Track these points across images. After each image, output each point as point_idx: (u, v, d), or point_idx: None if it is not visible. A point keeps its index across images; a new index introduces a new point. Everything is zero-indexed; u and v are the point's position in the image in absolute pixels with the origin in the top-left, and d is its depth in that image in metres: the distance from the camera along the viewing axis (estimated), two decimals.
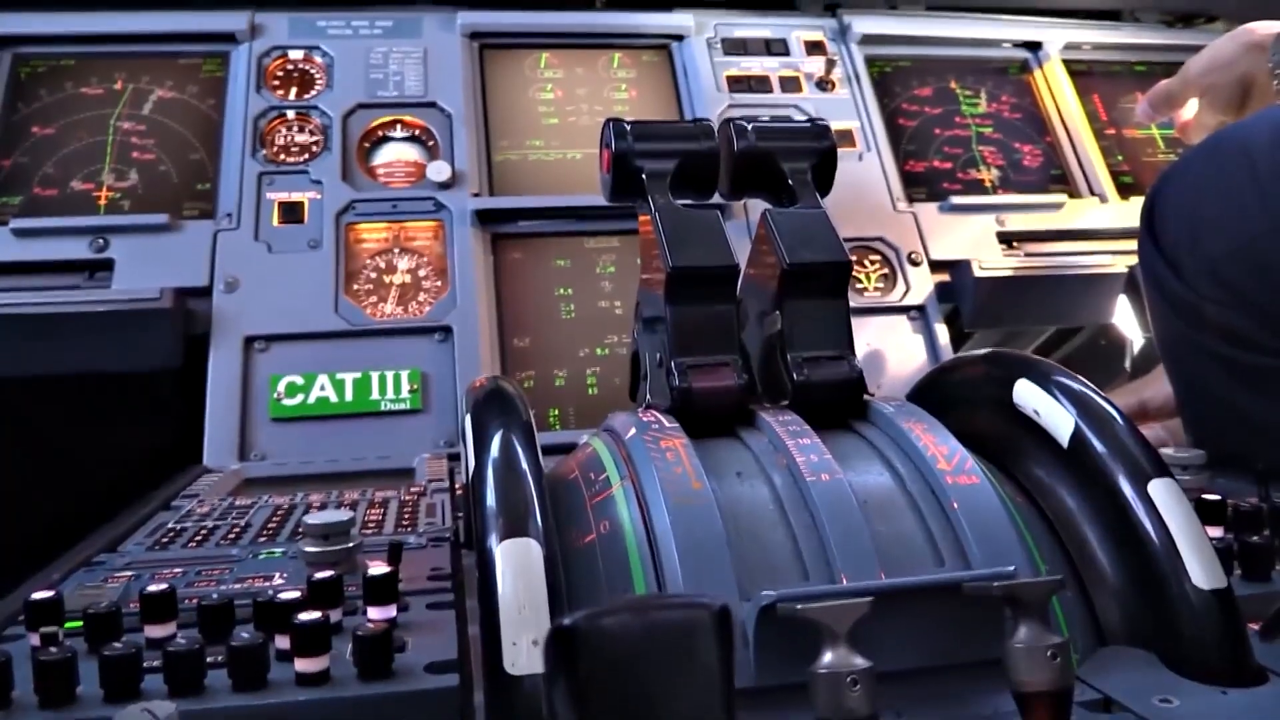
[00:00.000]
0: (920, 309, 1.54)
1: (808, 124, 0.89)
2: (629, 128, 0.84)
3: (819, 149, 0.86)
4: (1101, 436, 0.67)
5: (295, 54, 1.61)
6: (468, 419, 0.70)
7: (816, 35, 1.78)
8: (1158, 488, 0.64)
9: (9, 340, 1.33)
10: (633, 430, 0.70)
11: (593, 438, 0.76)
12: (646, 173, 0.82)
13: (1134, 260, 1.28)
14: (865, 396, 0.77)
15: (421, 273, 1.45)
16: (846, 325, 0.80)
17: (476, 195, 1.51)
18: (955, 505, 0.63)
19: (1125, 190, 1.74)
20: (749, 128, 0.85)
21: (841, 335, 0.79)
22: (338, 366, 1.35)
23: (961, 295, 1.56)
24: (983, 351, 0.83)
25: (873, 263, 1.56)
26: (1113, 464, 0.66)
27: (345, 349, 1.38)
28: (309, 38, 1.63)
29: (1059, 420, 0.70)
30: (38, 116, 1.53)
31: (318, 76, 1.60)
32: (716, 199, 0.88)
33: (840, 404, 0.77)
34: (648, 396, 0.83)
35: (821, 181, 0.86)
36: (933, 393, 0.85)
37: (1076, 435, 0.68)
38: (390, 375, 1.35)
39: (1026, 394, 0.73)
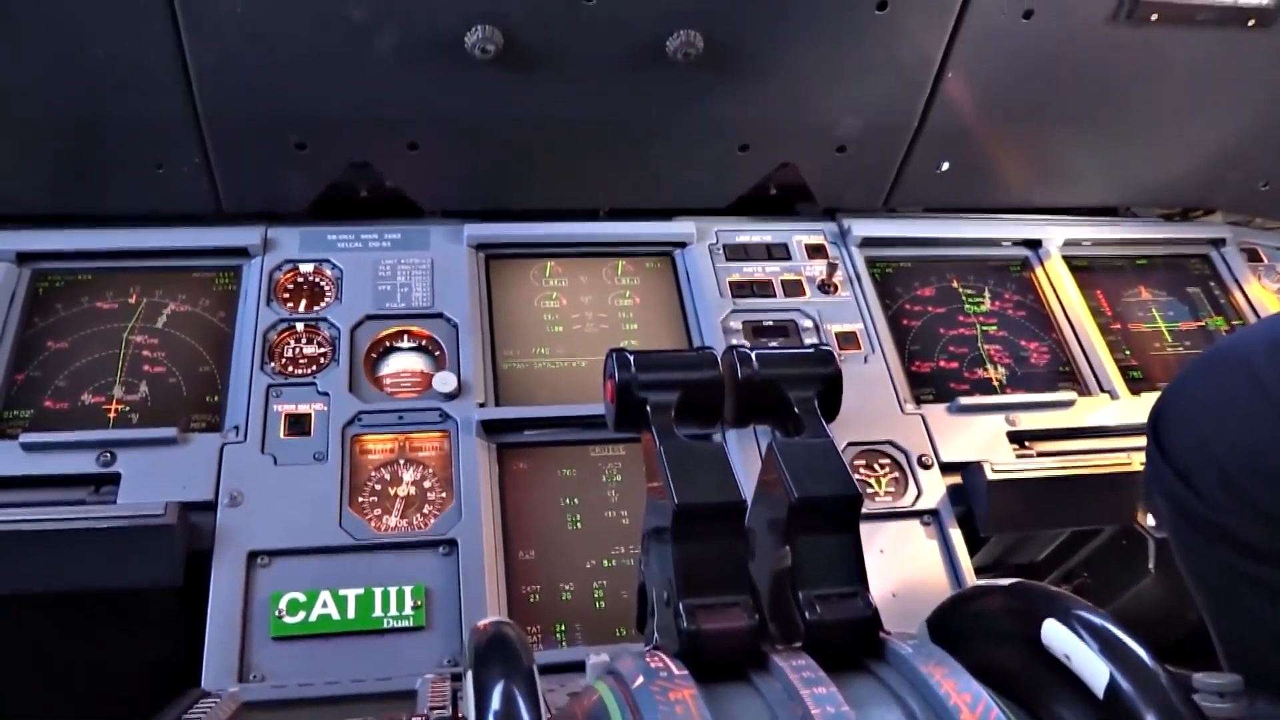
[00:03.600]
0: (934, 513, 1.51)
1: (811, 350, 0.89)
2: (632, 358, 0.84)
3: (824, 375, 0.86)
4: (1139, 688, 0.65)
5: (306, 267, 1.64)
6: (468, 673, 0.68)
7: (817, 239, 1.82)
8: None
9: (11, 558, 1.31)
10: (640, 679, 0.67)
11: (598, 682, 0.72)
12: (650, 404, 0.81)
13: None
14: (881, 635, 0.74)
15: (426, 484, 1.43)
16: (859, 559, 0.78)
17: (482, 405, 1.51)
18: None
19: (1135, 386, 1.74)
20: (753, 356, 0.85)
21: (854, 570, 0.77)
22: (341, 582, 1.32)
23: (975, 498, 1.53)
24: (1007, 583, 0.81)
25: (882, 467, 1.54)
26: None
27: (348, 564, 1.35)
28: (320, 251, 1.67)
29: (1093, 669, 0.67)
30: (53, 331, 1.55)
31: (327, 289, 1.62)
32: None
33: (855, 643, 0.74)
34: (655, 635, 0.80)
35: (828, 408, 0.85)
36: (952, 622, 0.83)
37: (1112, 687, 0.65)
38: (394, 591, 1.32)
39: (1056, 636, 0.70)
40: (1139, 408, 1.68)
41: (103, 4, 1.38)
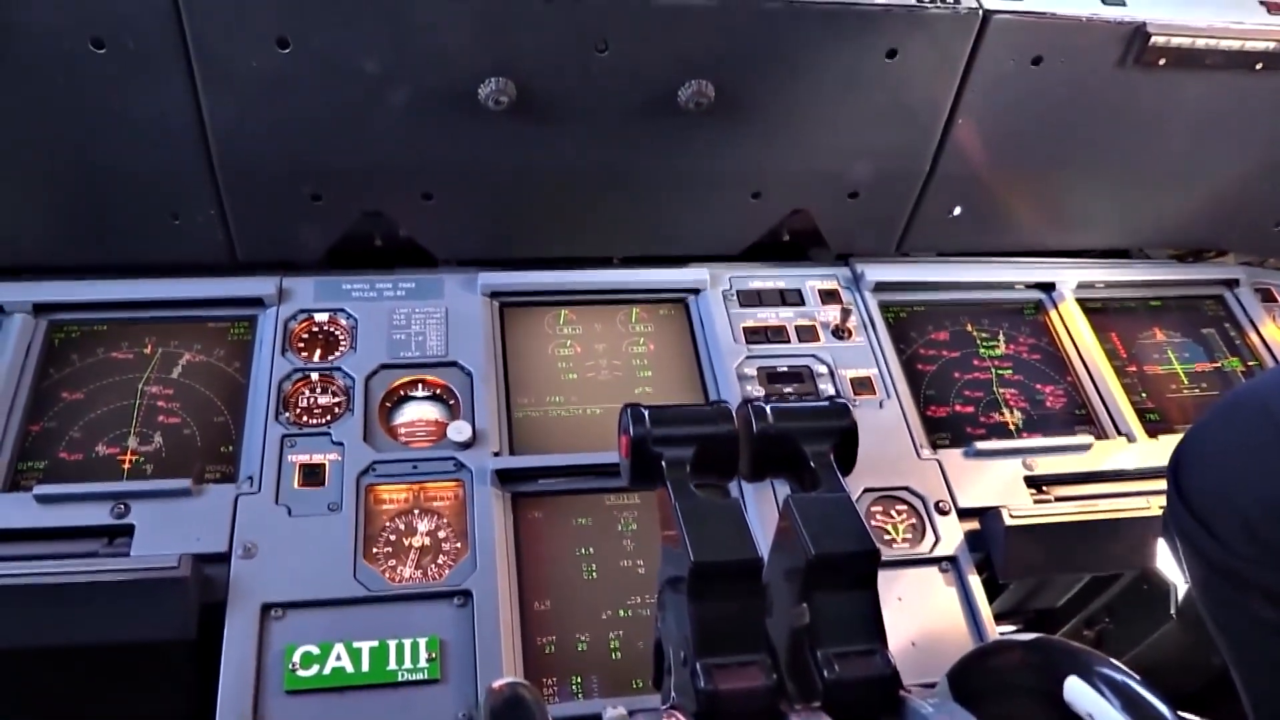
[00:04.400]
0: (952, 560, 1.49)
1: (826, 403, 0.89)
2: (646, 413, 0.84)
3: (839, 429, 0.85)
4: None
5: (320, 317, 1.65)
6: None
7: (830, 284, 1.82)
8: None
9: (23, 611, 1.30)
10: None
11: None
12: (666, 460, 0.81)
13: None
14: (901, 693, 0.74)
15: (441, 534, 1.43)
16: (877, 616, 0.77)
17: (497, 454, 1.51)
18: None
19: (1153, 428, 1.73)
20: (767, 410, 0.85)
21: (872, 628, 0.76)
22: (355, 634, 1.32)
23: (993, 544, 1.51)
24: (1028, 638, 0.80)
25: (899, 513, 1.53)
26: None
27: (363, 615, 1.34)
28: (334, 300, 1.67)
29: None
30: (68, 382, 1.56)
31: (342, 338, 1.63)
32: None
33: (875, 702, 0.73)
34: (672, 693, 0.79)
35: (843, 462, 0.85)
36: (973, 678, 0.82)
37: None
38: (408, 643, 1.31)
39: (1078, 694, 0.70)
40: (1157, 451, 1.67)
41: (121, 60, 1.39)
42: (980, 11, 1.52)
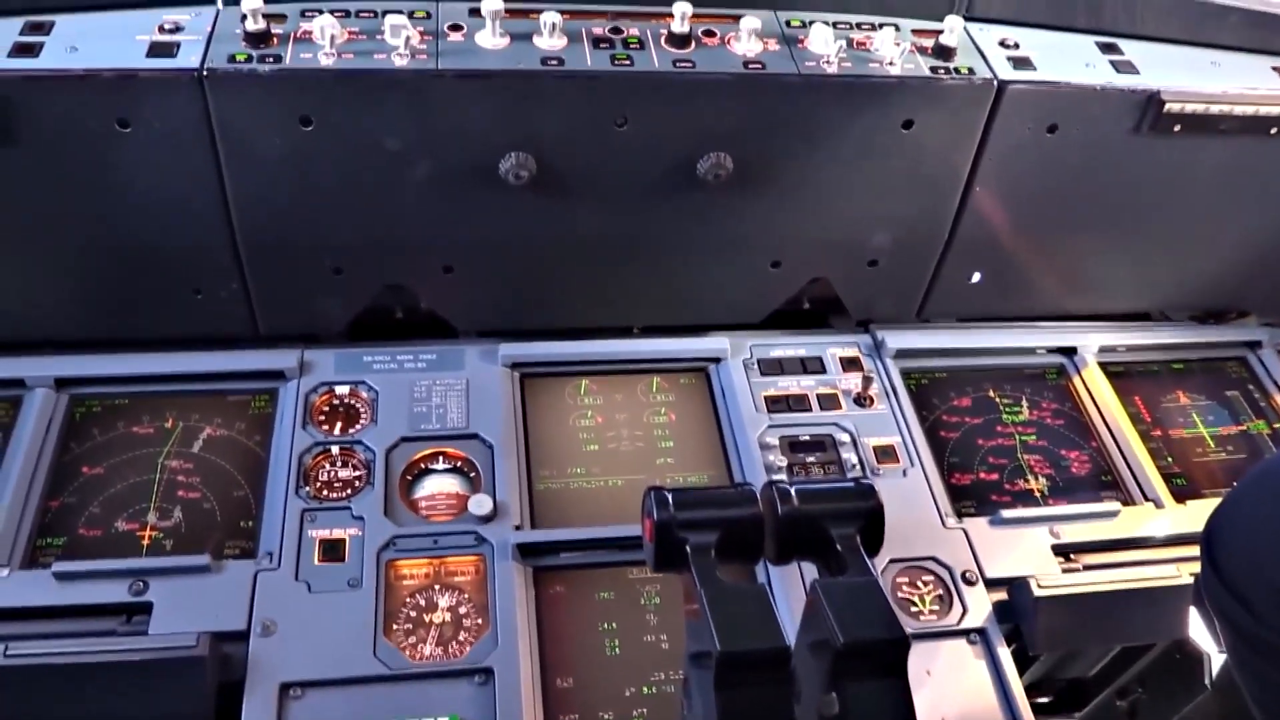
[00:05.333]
0: (980, 631, 1.47)
1: (851, 484, 0.88)
2: (670, 497, 0.83)
3: (865, 510, 0.84)
4: None
5: (341, 389, 1.65)
6: None
7: (851, 352, 1.82)
8: None
9: (40, 691, 1.29)
10: None
11: None
12: (690, 545, 0.80)
13: (1198, 567, 1.23)
14: None
15: (462, 610, 1.41)
16: (908, 705, 0.75)
17: (518, 528, 1.50)
18: None
19: (1180, 494, 1.71)
20: (792, 492, 0.84)
21: (904, 717, 0.74)
22: (374, 714, 1.30)
23: (1022, 616, 1.49)
24: None
25: (925, 584, 1.51)
26: None
27: (383, 695, 1.32)
28: (355, 373, 1.68)
29: None
30: (88, 456, 1.56)
31: (363, 411, 1.63)
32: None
33: None
34: None
35: (870, 544, 0.84)
36: None
37: None
38: None
39: None
40: (1185, 516, 1.65)
41: (146, 138, 1.41)
42: (995, 82, 1.54)
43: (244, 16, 1.41)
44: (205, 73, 1.37)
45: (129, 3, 1.47)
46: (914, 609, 1.48)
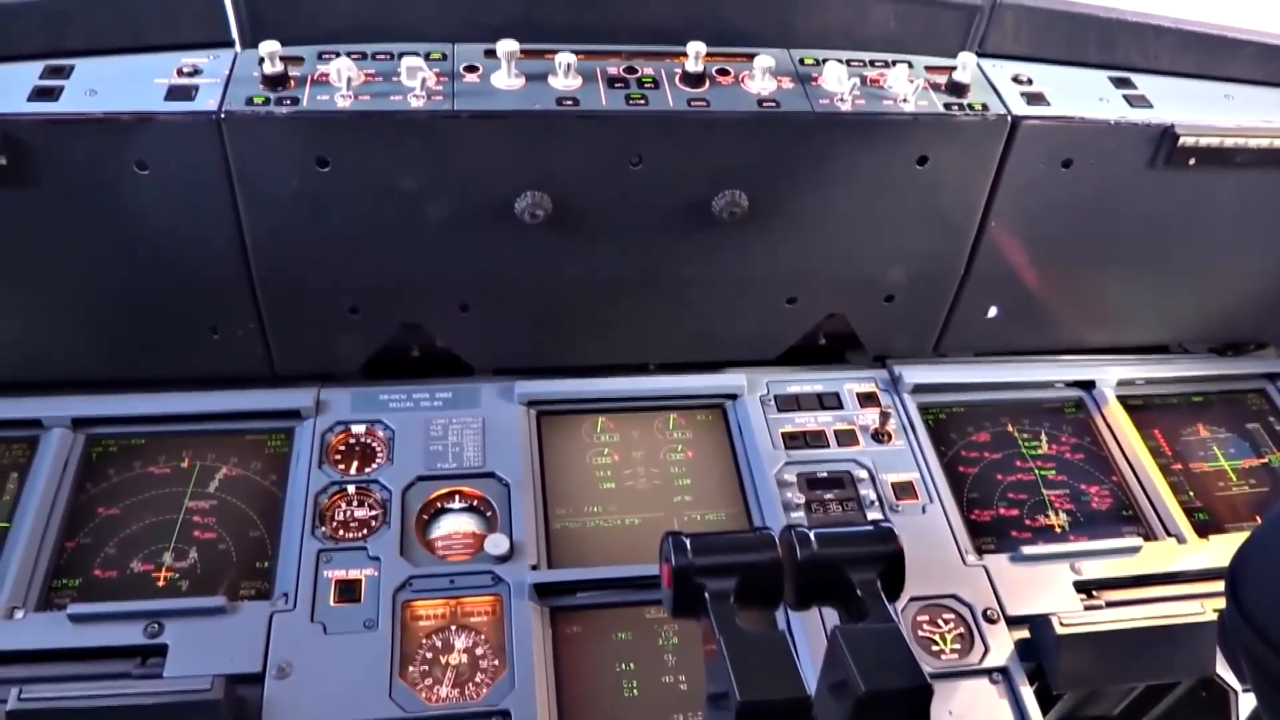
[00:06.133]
0: (1003, 670, 1.45)
1: (871, 528, 0.87)
2: (688, 542, 0.82)
3: (886, 554, 0.83)
4: None
5: (358, 428, 1.65)
6: None
7: (868, 387, 1.81)
8: None
9: None
10: None
11: None
12: (709, 591, 0.79)
13: (1223, 603, 1.21)
14: None
15: (479, 651, 1.40)
16: None
17: (535, 567, 1.49)
18: None
19: (1203, 529, 1.69)
20: (811, 536, 0.83)
21: None
22: None
23: (1044, 654, 1.47)
24: None
25: (946, 622, 1.49)
26: None
27: None
28: (371, 412, 1.68)
29: None
30: (104, 497, 1.56)
31: (379, 450, 1.63)
32: None
33: None
34: None
35: (891, 588, 0.83)
36: None
37: None
38: None
39: None
40: (1208, 552, 1.63)
41: (164, 180, 1.42)
42: (1009, 118, 1.54)
43: (262, 59, 1.42)
44: (223, 115, 1.39)
45: (148, 46, 1.48)
46: (935, 648, 1.46)
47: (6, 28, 1.44)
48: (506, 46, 1.44)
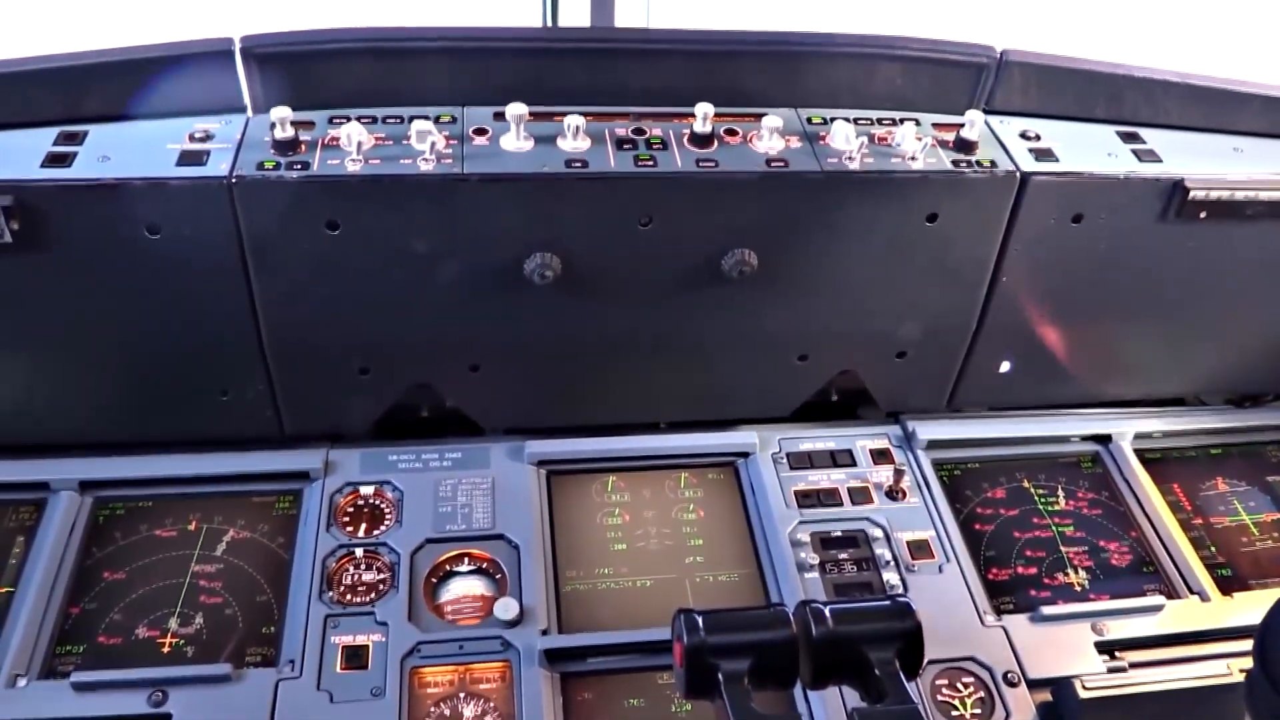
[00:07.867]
0: None
1: (887, 602, 0.85)
2: (701, 620, 0.80)
3: (903, 631, 0.82)
4: None
5: (366, 489, 1.64)
6: None
7: (882, 443, 1.79)
8: None
9: None
10: None
11: None
12: (722, 672, 0.77)
13: (1248, 663, 1.19)
14: None
15: (488, 718, 1.38)
16: None
17: (545, 632, 1.46)
18: None
19: (1226, 585, 1.65)
20: (826, 612, 0.81)
21: None
22: None
23: (1068, 718, 1.43)
24: None
25: (965, 686, 1.46)
26: None
27: None
28: (380, 472, 1.67)
29: None
30: (110, 561, 1.55)
31: (388, 511, 1.61)
32: None
33: None
34: None
35: (909, 665, 0.81)
36: None
37: None
38: None
39: None
40: (1232, 610, 1.60)
41: (175, 244, 1.42)
42: (1018, 174, 1.53)
43: (273, 125, 1.43)
44: (234, 180, 1.39)
45: (161, 112, 1.49)
46: (955, 713, 1.43)
47: (23, 94, 1.46)
48: (515, 109, 1.44)
